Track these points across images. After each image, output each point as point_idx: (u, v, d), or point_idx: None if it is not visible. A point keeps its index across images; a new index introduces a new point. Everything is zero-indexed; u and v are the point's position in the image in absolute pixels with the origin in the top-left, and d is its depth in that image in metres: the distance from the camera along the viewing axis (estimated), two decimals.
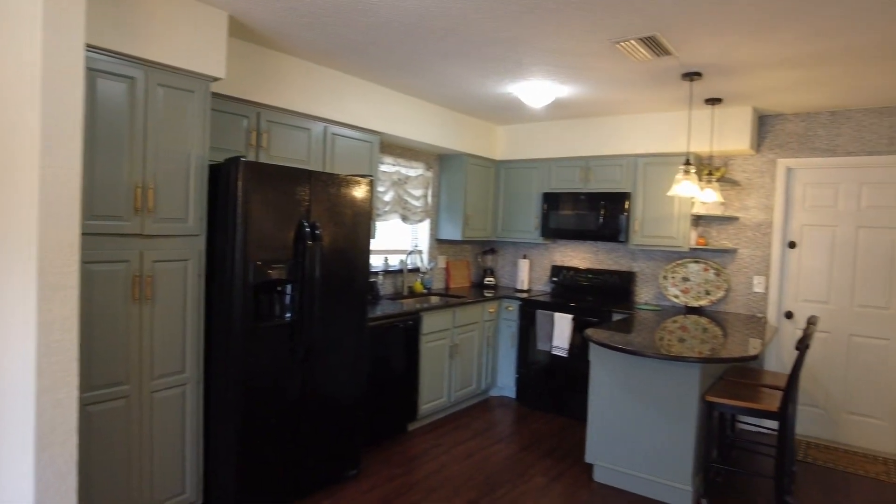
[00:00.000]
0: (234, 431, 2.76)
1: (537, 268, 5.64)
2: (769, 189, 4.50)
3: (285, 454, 3.00)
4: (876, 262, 4.16)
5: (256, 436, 2.85)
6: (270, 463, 2.92)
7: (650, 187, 4.65)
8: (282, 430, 2.97)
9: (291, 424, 3.02)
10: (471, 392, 4.81)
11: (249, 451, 2.82)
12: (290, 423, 3.01)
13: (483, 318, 4.89)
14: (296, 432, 3.05)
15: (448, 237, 5.18)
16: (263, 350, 2.84)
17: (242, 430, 2.78)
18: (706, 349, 3.18)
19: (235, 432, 2.76)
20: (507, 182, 5.45)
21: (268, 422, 2.90)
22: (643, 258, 5.04)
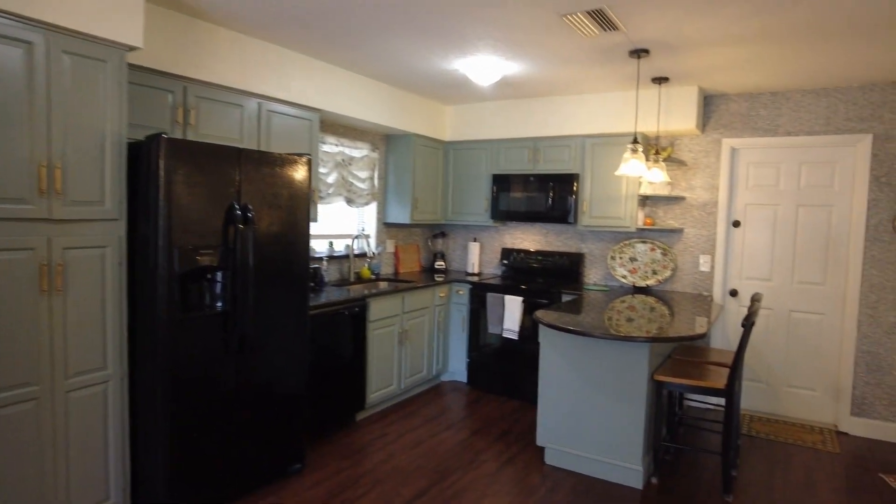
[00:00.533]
0: (163, 430, 2.56)
1: (488, 251, 5.57)
2: (714, 169, 4.54)
3: (222, 451, 2.82)
4: (814, 239, 4.26)
5: (188, 434, 2.66)
6: (205, 461, 2.74)
7: (598, 168, 4.63)
8: (217, 427, 2.79)
9: (227, 420, 2.84)
10: (422, 378, 4.71)
11: (181, 450, 2.63)
12: (225, 418, 2.83)
13: (434, 302, 4.78)
14: (233, 428, 2.87)
15: (396, 221, 5.03)
16: (193, 342, 2.65)
17: (172, 428, 2.58)
18: (654, 328, 3.17)
19: (164, 431, 2.56)
20: (457, 164, 5.33)
21: (201, 418, 2.71)
22: (592, 239, 5.03)
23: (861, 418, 4.11)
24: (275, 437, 3.12)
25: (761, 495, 3.19)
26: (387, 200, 5.09)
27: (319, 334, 3.62)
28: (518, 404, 4.60)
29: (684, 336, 2.94)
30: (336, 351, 3.77)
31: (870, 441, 4.02)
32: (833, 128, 4.13)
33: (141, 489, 2.65)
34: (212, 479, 2.78)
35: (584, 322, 3.24)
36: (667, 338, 2.92)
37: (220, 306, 2.77)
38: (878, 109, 3.99)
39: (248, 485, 3.00)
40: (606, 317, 3.46)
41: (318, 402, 3.67)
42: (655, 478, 3.30)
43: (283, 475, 3.25)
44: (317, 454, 3.56)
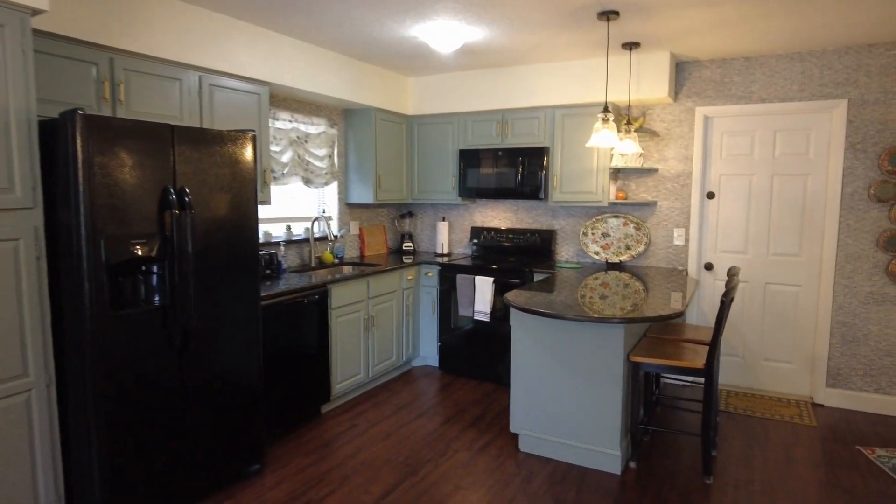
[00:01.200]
0: (97, 439, 2.31)
1: (457, 230, 5.36)
2: (688, 139, 4.38)
3: (169, 457, 2.59)
4: (789, 210, 4.15)
5: (128, 440, 2.42)
6: (149, 469, 2.51)
7: (568, 141, 4.43)
8: (161, 431, 2.55)
9: (174, 423, 2.60)
10: (391, 365, 4.51)
11: (120, 458, 2.39)
12: (171, 421, 2.59)
13: (401, 286, 4.57)
14: (180, 431, 2.63)
15: (359, 201, 4.78)
16: (128, 341, 2.39)
17: (108, 435, 2.34)
18: (628, 305, 3.02)
19: (98, 439, 2.31)
20: (422, 139, 5.08)
21: (142, 423, 2.47)
22: (563, 215, 4.86)
23: (836, 389, 4.06)
24: (230, 437, 2.90)
25: (741, 474, 3.09)
26: (348, 180, 4.82)
27: (277, 325, 3.38)
28: (491, 387, 4.44)
29: (661, 316, 2.79)
30: (296, 341, 3.54)
31: (845, 412, 3.97)
32: (808, 94, 4.00)
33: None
34: (158, 487, 2.55)
35: (556, 303, 3.06)
36: (643, 318, 2.77)
37: (159, 300, 2.51)
38: (854, 73, 3.86)
39: (201, 490, 2.78)
40: (580, 295, 3.29)
41: (279, 396, 3.44)
42: (634, 462, 3.18)
43: (240, 477, 3.03)
44: (279, 452, 3.35)
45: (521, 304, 3.05)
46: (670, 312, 2.84)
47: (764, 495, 2.89)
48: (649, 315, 2.79)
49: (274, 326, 3.36)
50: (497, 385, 4.49)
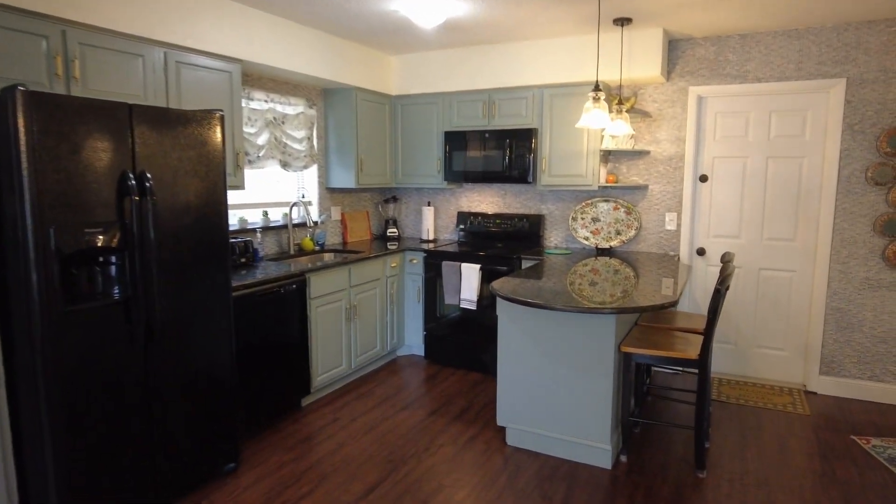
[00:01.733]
0: (53, 440, 2.15)
1: (443, 215, 5.19)
2: (680, 120, 4.23)
3: (136, 458, 2.43)
4: (784, 193, 4.03)
5: (88, 441, 2.25)
6: (114, 472, 2.35)
7: (558, 122, 4.26)
8: (125, 431, 2.39)
9: (138, 423, 2.44)
10: (375, 355, 4.37)
11: (79, 461, 2.23)
12: (135, 421, 2.43)
13: (385, 273, 4.41)
14: (146, 431, 2.48)
15: (340, 185, 4.59)
16: (85, 337, 2.22)
17: (65, 436, 2.18)
18: (618, 292, 2.89)
19: (54, 440, 2.15)
20: (405, 120, 4.88)
21: (103, 423, 2.30)
22: (552, 199, 4.71)
23: (830, 377, 3.97)
24: (202, 435, 2.74)
25: (735, 467, 3.00)
26: (329, 163, 4.63)
27: (252, 316, 3.21)
28: (478, 377, 4.32)
29: (654, 305, 2.66)
30: (274, 333, 3.38)
31: (839, 400, 3.90)
32: (805, 73, 3.85)
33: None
34: (123, 489, 2.39)
35: (544, 291, 2.92)
36: (635, 307, 2.64)
37: (119, 293, 2.33)
38: (853, 51, 3.72)
39: (173, 492, 2.63)
40: (568, 282, 3.15)
41: (256, 390, 3.29)
42: (625, 455, 3.07)
43: (215, 476, 2.89)
44: (257, 448, 3.21)
45: (507, 293, 2.90)
46: (663, 301, 2.71)
47: (758, 488, 2.79)
48: (642, 304, 2.66)
49: (248, 317, 3.19)
50: (484, 375, 4.36)
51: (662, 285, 3.14)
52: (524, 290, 2.96)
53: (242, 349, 3.17)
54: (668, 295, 2.87)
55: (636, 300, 2.75)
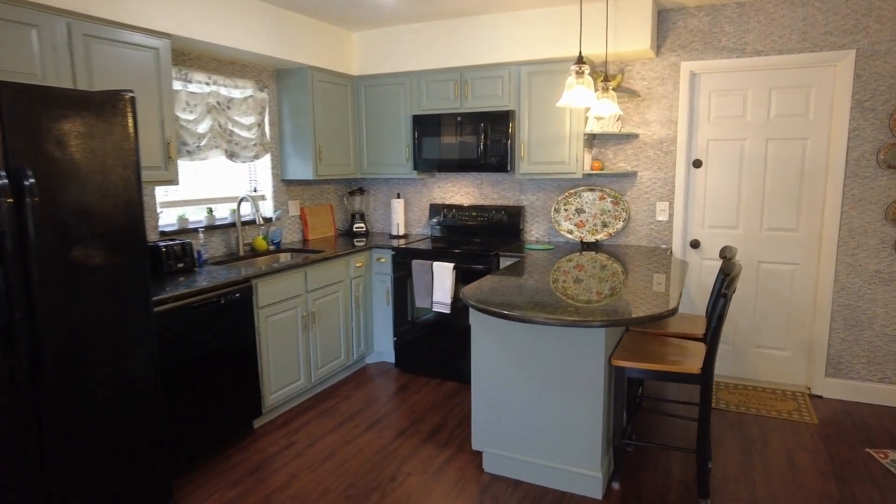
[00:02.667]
0: None
1: (415, 208, 4.76)
2: (671, 99, 3.83)
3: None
4: (786, 179, 3.66)
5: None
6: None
7: (537, 103, 3.84)
8: (16, 486, 1.94)
9: (35, 473, 2.00)
10: (339, 365, 3.94)
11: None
12: (30, 471, 1.98)
13: (349, 274, 3.97)
14: (47, 481, 2.03)
15: (298, 177, 4.13)
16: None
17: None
18: (606, 290, 2.49)
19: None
20: (370, 104, 4.42)
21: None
22: (532, 189, 4.29)
23: (837, 379, 3.64)
24: (122, 477, 2.31)
25: (741, 491, 2.63)
26: (283, 152, 4.16)
27: (187, 332, 2.77)
28: (454, 387, 3.92)
29: (652, 316, 2.26)
30: (215, 349, 2.93)
31: (847, 404, 3.56)
32: (810, 44, 3.47)
33: None
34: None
35: (524, 295, 2.51)
36: (630, 319, 2.24)
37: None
38: (864, 19, 3.33)
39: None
40: (551, 279, 2.75)
41: (197, 415, 2.85)
42: (617, 482, 2.69)
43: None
44: (196, 484, 2.78)
45: (479, 300, 2.49)
46: (661, 311, 2.32)
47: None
48: (636, 315, 2.26)
49: (182, 334, 2.74)
50: (460, 384, 3.96)
51: (655, 283, 2.75)
52: (500, 296, 2.54)
53: (177, 371, 2.72)
54: (665, 302, 2.47)
55: (628, 306, 2.35)
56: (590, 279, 2.89)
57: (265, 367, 3.28)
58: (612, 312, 2.29)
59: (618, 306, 2.38)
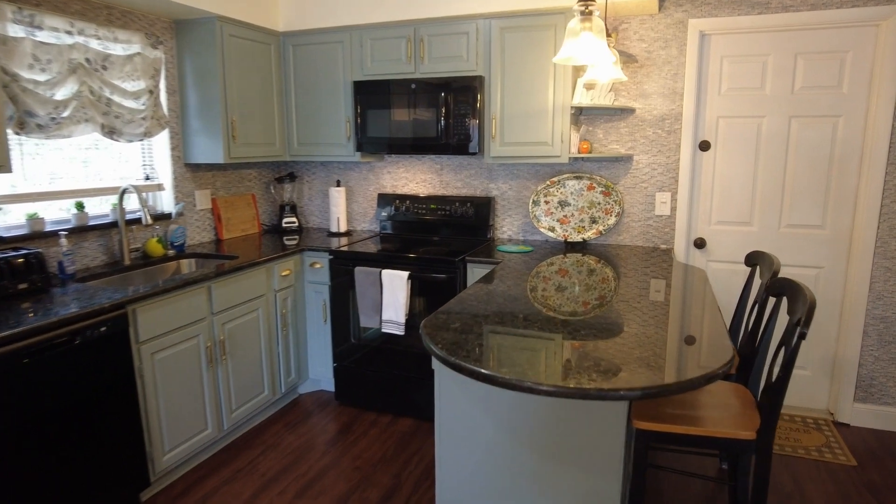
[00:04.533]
0: None
1: (360, 198, 3.90)
2: (676, 66, 3.11)
3: None
4: (812, 166, 3.01)
5: None
6: None
7: (512, 67, 3.05)
8: None
9: None
10: (263, 403, 3.10)
11: None
12: None
13: (273, 286, 3.11)
14: None
15: (206, 160, 3.21)
16: None
17: None
18: (633, 329, 1.75)
19: None
20: (300, 67, 3.52)
21: None
22: (505, 176, 3.52)
23: (867, 405, 3.05)
24: None
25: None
26: (187, 128, 3.22)
27: (23, 387, 1.87)
28: (410, 425, 3.14)
29: (713, 373, 1.52)
30: (76, 404, 2.04)
31: (881, 436, 2.98)
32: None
33: None
34: None
35: (512, 333, 1.74)
36: (662, 386, 1.50)
37: None
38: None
39: None
40: (544, 300, 1.98)
41: (53, 497, 1.97)
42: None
43: None
44: None
45: (449, 347, 1.70)
46: (721, 365, 1.58)
47: None
48: (694, 376, 1.52)
49: (16, 391, 1.84)
50: (418, 422, 3.19)
51: (687, 311, 2.03)
52: (476, 333, 1.76)
53: (13, 442, 1.83)
54: (721, 351, 1.75)
55: (684, 371, 1.61)
56: (599, 303, 2.15)
57: (154, 419, 2.40)
58: (649, 368, 1.54)
59: (649, 357, 1.64)
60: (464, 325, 1.87)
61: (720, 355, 1.62)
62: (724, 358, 1.60)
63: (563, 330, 1.85)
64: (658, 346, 1.71)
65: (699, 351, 1.67)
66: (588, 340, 1.76)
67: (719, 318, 1.99)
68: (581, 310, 2.06)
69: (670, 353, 1.65)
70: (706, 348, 1.69)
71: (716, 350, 1.67)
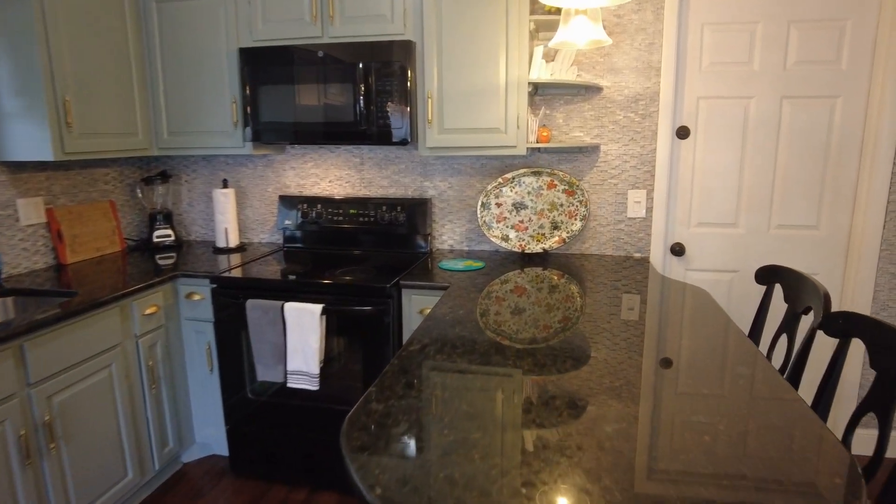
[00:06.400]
0: None
1: (256, 202, 3.08)
2: (652, 34, 2.53)
3: None
4: (806, 154, 2.54)
5: None
6: None
7: (453, 30, 2.35)
8: None
9: None
10: (127, 489, 2.24)
11: None
12: None
13: (132, 330, 2.25)
14: None
15: (29, 157, 2.28)
16: None
17: None
18: (561, 331, 1.13)
19: None
20: (167, 30, 2.64)
21: None
22: (444, 172, 2.82)
23: (868, 430, 2.65)
24: None
25: None
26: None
27: None
28: (328, 501, 2.40)
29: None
30: None
31: (888, 464, 2.59)
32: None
33: None
34: None
35: (496, 442, 1.06)
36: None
37: None
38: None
39: None
40: (516, 347, 1.32)
41: None
42: None
43: None
44: None
45: (382, 486, 0.99)
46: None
47: None
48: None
49: None
50: (343, 497, 2.45)
51: (730, 359, 1.44)
52: (436, 467, 1.07)
53: None
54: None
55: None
56: (542, 308, 1.51)
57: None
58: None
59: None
60: (413, 424, 1.16)
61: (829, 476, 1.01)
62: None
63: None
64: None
65: (788, 454, 1.06)
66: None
67: (779, 380, 1.40)
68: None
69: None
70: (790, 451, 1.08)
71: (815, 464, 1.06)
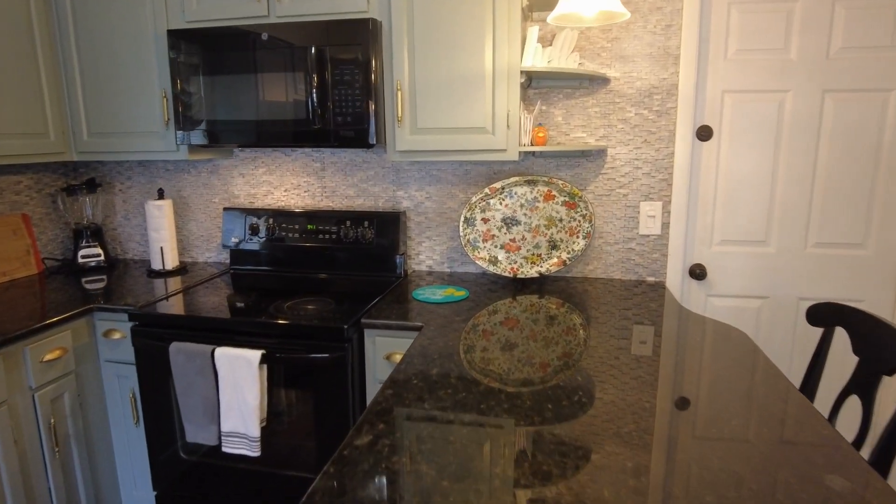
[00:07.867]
0: None
1: (199, 214, 2.62)
2: (670, 14, 2.11)
3: None
4: (852, 161, 2.13)
5: None
6: None
7: (427, 6, 1.91)
8: None
9: None
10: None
11: None
12: None
13: (25, 382, 1.80)
14: None
15: None
16: None
17: None
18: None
19: None
20: (81, 11, 2.18)
21: None
22: (421, 180, 2.38)
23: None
24: None
25: None
26: None
27: None
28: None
29: None
30: None
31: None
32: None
33: None
34: None
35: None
36: None
37: None
38: None
39: None
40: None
41: None
42: None
43: None
44: None
45: None
46: None
47: None
48: None
49: None
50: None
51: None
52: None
53: None
54: None
55: None
56: (535, 344, 1.08)
57: None
58: None
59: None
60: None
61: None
62: None
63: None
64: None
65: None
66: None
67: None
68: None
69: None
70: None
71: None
